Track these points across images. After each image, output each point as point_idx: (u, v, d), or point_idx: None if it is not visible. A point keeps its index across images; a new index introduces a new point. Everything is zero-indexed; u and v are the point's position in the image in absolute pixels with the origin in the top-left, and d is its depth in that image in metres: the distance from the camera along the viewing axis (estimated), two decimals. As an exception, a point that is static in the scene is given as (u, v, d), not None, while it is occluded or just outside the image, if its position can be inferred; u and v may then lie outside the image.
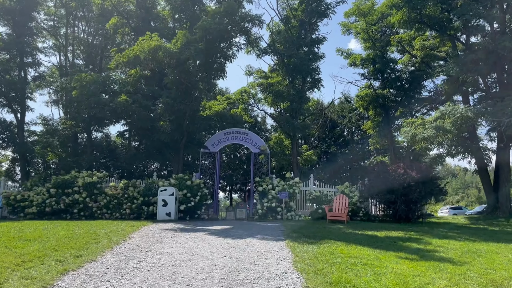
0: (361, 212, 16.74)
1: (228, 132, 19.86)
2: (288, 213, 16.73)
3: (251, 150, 19.93)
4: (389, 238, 10.94)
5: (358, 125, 37.25)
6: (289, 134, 21.62)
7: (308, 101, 22.34)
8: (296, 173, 21.47)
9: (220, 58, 19.20)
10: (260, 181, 17.69)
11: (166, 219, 16.18)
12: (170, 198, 16.48)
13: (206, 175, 20.29)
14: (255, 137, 19.95)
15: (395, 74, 29.44)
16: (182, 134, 18.98)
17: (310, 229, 12.32)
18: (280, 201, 16.72)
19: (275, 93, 20.41)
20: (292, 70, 21.61)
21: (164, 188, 16.65)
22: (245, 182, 37.13)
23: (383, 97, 28.66)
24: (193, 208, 17.17)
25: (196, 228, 12.06)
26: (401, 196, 15.74)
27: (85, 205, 17.29)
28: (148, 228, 11.65)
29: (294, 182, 17.26)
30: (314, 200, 17.62)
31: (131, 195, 17.47)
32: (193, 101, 18.21)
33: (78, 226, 11.26)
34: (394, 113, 29.68)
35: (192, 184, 17.63)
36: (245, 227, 12.77)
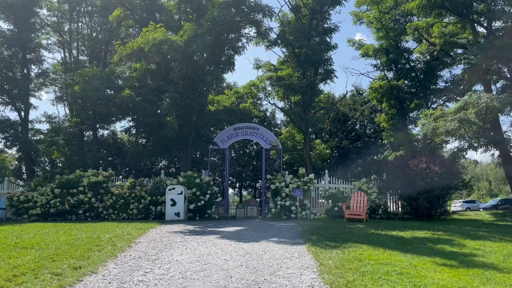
0: (380, 209, 15.87)
1: (238, 127, 19.07)
2: (302, 211, 15.93)
3: (262, 145, 19.13)
4: (416, 239, 10.09)
5: (370, 119, 36.19)
6: (301, 128, 20.75)
7: (320, 94, 21.44)
8: (309, 169, 20.62)
9: (228, 51, 18.36)
10: (272, 179, 16.89)
11: (175, 219, 15.48)
12: (178, 197, 15.76)
13: (216, 172, 19.55)
14: (266, 132, 19.14)
15: (409, 64, 28.36)
16: (190, 130, 18.21)
17: (329, 229, 11.51)
18: (294, 199, 15.91)
19: (286, 86, 19.55)
20: (303, 61, 20.69)
21: (173, 186, 15.93)
22: (254, 179, 36.36)
23: (398, 89, 27.60)
24: (203, 207, 16.45)
25: (207, 230, 11.31)
26: (423, 192, 14.84)
27: (91, 206, 16.66)
28: (156, 231, 10.92)
29: (309, 179, 16.43)
30: (329, 198, 16.78)
31: (138, 195, 16.80)
32: (200, 95, 17.42)
33: (81, 230, 10.56)
34: (409, 105, 28.62)
35: (201, 182, 16.89)
36: (259, 228, 11.99)
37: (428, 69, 27.28)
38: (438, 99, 28.37)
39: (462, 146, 19.38)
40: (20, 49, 22.68)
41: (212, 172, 19.37)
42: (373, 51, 28.94)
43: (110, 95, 17.06)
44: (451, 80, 27.80)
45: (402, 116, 28.33)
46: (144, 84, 19.24)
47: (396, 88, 27.23)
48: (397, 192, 15.79)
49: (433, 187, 14.73)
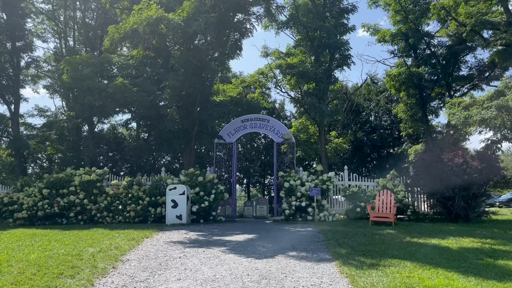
0: (409, 210, 14.11)
1: (245, 119, 17.37)
2: (320, 213, 14.23)
3: (272, 139, 17.41)
4: (467, 251, 8.34)
5: (386, 109, 34.28)
6: (315, 120, 18.99)
7: (336, 82, 19.64)
8: (325, 164, 18.90)
9: (235, 34, 16.59)
10: (285, 176, 15.19)
11: (176, 222, 13.89)
12: (180, 198, 14.14)
13: (222, 169, 17.91)
14: (278, 124, 17.43)
15: (430, 49, 26.44)
16: (192, 122, 16.54)
17: (356, 237, 9.81)
18: (311, 199, 14.21)
19: (299, 73, 17.79)
20: (317, 45, 18.88)
21: (173, 186, 14.30)
22: (263, 174, 34.71)
23: (418, 76, 25.69)
24: (207, 209, 14.82)
25: (212, 240, 9.65)
26: (460, 191, 13.05)
27: (83, 208, 15.08)
28: (152, 241, 9.28)
29: (327, 177, 14.70)
30: (350, 197, 15.04)
31: (135, 195, 15.20)
32: (204, 83, 15.70)
33: (63, 242, 8.95)
34: (429, 94, 26.72)
35: (205, 180, 15.24)
36: (273, 236, 10.31)
37: (451, 54, 25.33)
38: (462, 87, 26.43)
39: (495, 137, 17.51)
40: (9, 36, 21.08)
41: (218, 168, 17.73)
42: (390, 36, 27.02)
43: (102, 84, 15.40)
44: (475, 67, 25.81)
45: (422, 106, 26.47)
46: (142, 73, 17.57)
47: (416, 76, 25.31)
48: (427, 190, 13.99)
49: (472, 185, 12.94)
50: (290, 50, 22.31)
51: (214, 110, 15.94)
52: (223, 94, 20.41)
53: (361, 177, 16.50)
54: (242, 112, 18.53)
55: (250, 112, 19.06)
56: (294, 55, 21.82)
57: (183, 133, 17.24)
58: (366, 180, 16.42)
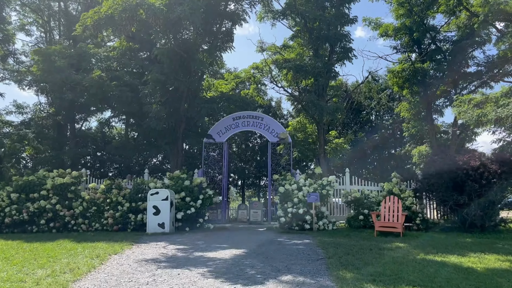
0: (418, 218, 12.75)
1: (237, 116, 15.97)
2: (319, 221, 12.85)
3: (267, 138, 16.03)
4: (495, 273, 7.00)
5: (388, 108, 32.94)
6: (314, 118, 17.61)
7: (336, 77, 18.27)
8: (324, 166, 17.53)
9: (225, 22, 15.20)
10: (281, 179, 13.81)
11: (158, 231, 12.52)
12: (163, 204, 12.76)
13: (212, 171, 16.53)
14: (273, 122, 16.05)
15: (436, 44, 25.09)
16: (179, 120, 15.14)
17: (361, 253, 8.46)
18: (309, 206, 12.85)
19: (296, 67, 16.41)
20: (316, 37, 17.49)
21: (155, 191, 12.91)
22: (258, 176, 33.33)
23: (423, 72, 24.33)
24: (194, 216, 13.46)
25: (192, 257, 8.26)
26: (475, 197, 11.73)
27: (55, 214, 13.66)
28: (120, 259, 7.88)
29: (327, 181, 13.33)
30: (352, 203, 13.69)
31: (114, 200, 13.79)
32: (191, 77, 14.29)
33: (10, 260, 7.53)
34: (434, 92, 25.36)
35: (192, 184, 13.87)
36: (264, 251, 8.93)
37: (458, 49, 23.96)
38: (469, 84, 25.09)
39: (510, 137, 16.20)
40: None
41: (208, 170, 16.35)
42: (393, 30, 25.62)
43: (78, 77, 13.93)
44: (484, 63, 24.47)
45: (426, 104, 25.13)
46: (124, 66, 16.17)
47: (420, 72, 23.95)
48: (439, 196, 12.65)
49: (489, 190, 11.62)
50: (287, 42, 20.85)
51: (202, 107, 14.54)
52: (214, 91, 19.01)
53: (363, 180, 15.15)
54: (235, 109, 17.15)
55: (244, 109, 17.69)
56: (292, 49, 20.40)
57: (169, 132, 15.86)
58: (369, 184, 15.07)
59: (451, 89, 25.49)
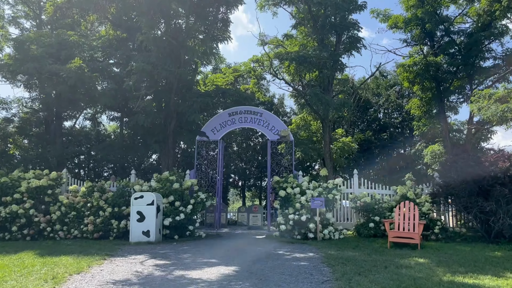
0: (437, 227, 11.35)
1: (234, 112, 14.60)
2: (324, 229, 11.47)
3: (267, 136, 14.66)
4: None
5: (397, 105, 31.44)
6: (318, 113, 16.20)
7: (343, 69, 16.87)
8: (329, 167, 16.16)
9: (221, 7, 13.84)
10: (282, 182, 12.46)
11: (143, 240, 11.21)
12: (148, 210, 11.44)
13: (208, 171, 15.19)
14: (273, 118, 14.67)
15: (449, 36, 23.64)
16: (169, 115, 13.81)
17: (375, 272, 7.10)
18: (313, 212, 11.48)
19: (299, 58, 15.00)
20: (322, 25, 16.08)
21: (140, 194, 11.58)
22: (260, 177, 31.94)
23: (436, 66, 22.94)
24: (183, 222, 12.12)
25: (171, 278, 6.91)
26: (504, 203, 10.31)
27: (30, 220, 12.36)
28: (83, 279, 6.55)
29: (334, 184, 11.94)
30: (362, 209, 12.30)
31: (95, 205, 12.47)
32: (182, 67, 12.92)
33: None
34: (448, 88, 23.92)
35: (182, 187, 12.53)
36: (259, 269, 7.58)
37: (473, 42, 22.54)
38: (485, 79, 23.61)
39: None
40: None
41: (202, 171, 15.01)
42: (404, 22, 24.22)
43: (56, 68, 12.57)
44: (502, 56, 23.00)
45: (439, 101, 23.69)
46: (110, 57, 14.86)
47: (433, 66, 22.54)
48: (461, 202, 11.22)
49: (520, 196, 10.20)
50: (290, 32, 19.33)
51: (195, 101, 13.18)
52: (211, 85, 17.64)
53: (373, 183, 13.74)
54: (232, 104, 15.77)
55: (242, 104, 16.31)
56: (294, 40, 18.95)
57: (159, 129, 14.53)
58: (380, 187, 13.66)
59: (466, 84, 24.06)
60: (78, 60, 12.33)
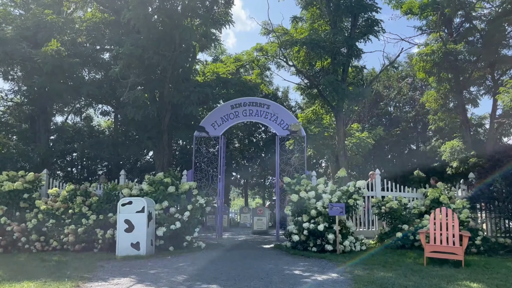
0: (478, 238, 9.71)
1: (237, 104, 12.94)
2: (345, 240, 9.83)
3: (274, 131, 13.00)
4: None
5: (410, 98, 29.73)
6: (331, 105, 14.52)
7: (360, 55, 15.18)
8: (344, 165, 14.51)
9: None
10: (294, 184, 10.82)
11: (131, 254, 9.62)
12: (138, 218, 9.84)
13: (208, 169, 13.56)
14: (282, 110, 13.01)
15: (471, 22, 21.98)
16: (163, 108, 12.17)
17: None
18: (331, 220, 9.86)
19: (312, 42, 13.33)
20: (336, 6, 14.38)
21: (128, 200, 9.97)
22: (263, 175, 30.34)
23: (455, 55, 21.25)
24: (180, 231, 10.52)
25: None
26: None
27: (2, 229, 10.76)
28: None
29: (355, 187, 10.31)
30: (387, 215, 10.66)
31: (77, 211, 10.86)
32: (177, 50, 11.25)
33: None
34: (468, 78, 22.23)
35: (178, 191, 10.92)
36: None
37: (495, 28, 20.89)
38: (510, 69, 21.94)
39: None
40: None
41: (201, 170, 13.37)
42: (419, 7, 22.55)
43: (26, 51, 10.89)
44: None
45: (458, 93, 22.02)
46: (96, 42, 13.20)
47: (454, 54, 20.86)
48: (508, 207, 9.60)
49: None
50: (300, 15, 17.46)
51: (192, 91, 11.54)
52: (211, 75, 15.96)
53: (398, 185, 12.09)
54: (235, 95, 14.10)
55: (246, 95, 14.65)
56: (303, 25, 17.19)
57: (153, 124, 12.89)
58: (406, 190, 12.00)
59: (489, 73, 22.40)
60: (55, 43, 10.68)
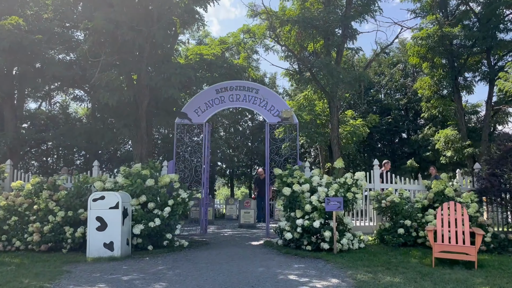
0: (488, 234, 8.97)
1: (223, 88, 11.88)
2: (342, 238, 8.97)
3: (264, 118, 12.00)
4: None
5: (402, 85, 29.02)
6: (326, 91, 13.55)
7: (355, 36, 14.14)
8: (337, 155, 13.65)
9: None
10: (285, 175, 9.88)
11: (104, 255, 8.60)
12: (111, 215, 8.80)
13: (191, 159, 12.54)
14: (272, 96, 12.00)
15: (467, 4, 21.27)
16: (141, 91, 11.04)
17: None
18: (327, 215, 8.98)
19: (304, 21, 12.31)
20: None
21: (100, 195, 8.91)
22: (250, 164, 29.41)
23: (451, 39, 20.62)
24: (160, 229, 9.51)
25: None
26: None
27: (-47, 229, 9.61)
28: None
29: (353, 179, 9.43)
30: (388, 210, 9.84)
31: (43, 207, 9.74)
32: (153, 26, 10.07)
33: None
34: (463, 64, 21.58)
35: (157, 185, 9.89)
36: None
37: (492, 11, 20.23)
38: (506, 55, 21.31)
39: None
40: None
41: (183, 160, 12.34)
42: (414, -12, 21.79)
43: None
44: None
45: (454, 79, 21.36)
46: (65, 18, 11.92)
47: (450, 37, 20.18)
48: None
49: None
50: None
51: (173, 73, 10.44)
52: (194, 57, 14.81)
53: (398, 177, 11.28)
54: (219, 79, 13.02)
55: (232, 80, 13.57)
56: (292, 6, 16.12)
57: (129, 110, 11.76)
58: (407, 182, 11.19)
59: (484, 59, 21.79)
60: (15, 18, 9.43)
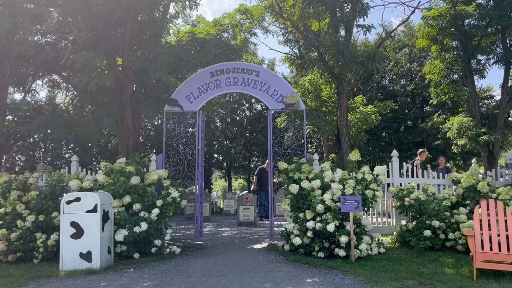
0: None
1: (218, 70, 10.49)
2: (360, 243, 7.72)
3: (266, 104, 10.65)
4: None
5: (408, 70, 27.68)
6: (334, 73, 12.20)
7: (366, 12, 12.79)
8: (347, 146, 12.38)
9: None
10: (292, 170, 8.58)
11: (81, 268, 7.35)
12: (89, 219, 7.51)
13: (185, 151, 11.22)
14: (275, 78, 10.62)
15: (480, -19, 19.90)
16: (125, 76, 9.69)
17: None
18: (343, 217, 7.73)
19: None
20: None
21: (75, 196, 7.60)
22: (248, 156, 28.13)
23: (464, 19, 19.29)
24: (149, 233, 8.24)
25: None
26: None
27: None
28: None
29: (374, 176, 8.15)
30: (412, 208, 8.57)
31: (10, 211, 8.43)
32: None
33: None
34: (477, 45, 20.22)
35: (144, 183, 8.59)
36: None
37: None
38: (523, 35, 19.98)
39: None
40: None
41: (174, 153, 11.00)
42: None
43: None
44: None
45: (467, 62, 20.04)
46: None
47: (464, 16, 18.84)
48: None
49: None
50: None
51: (160, 53, 9.09)
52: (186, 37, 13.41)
53: (420, 170, 10.01)
54: (213, 60, 11.66)
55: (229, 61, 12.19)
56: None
57: (112, 97, 10.40)
58: (430, 175, 9.92)
59: (498, 41, 20.44)
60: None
